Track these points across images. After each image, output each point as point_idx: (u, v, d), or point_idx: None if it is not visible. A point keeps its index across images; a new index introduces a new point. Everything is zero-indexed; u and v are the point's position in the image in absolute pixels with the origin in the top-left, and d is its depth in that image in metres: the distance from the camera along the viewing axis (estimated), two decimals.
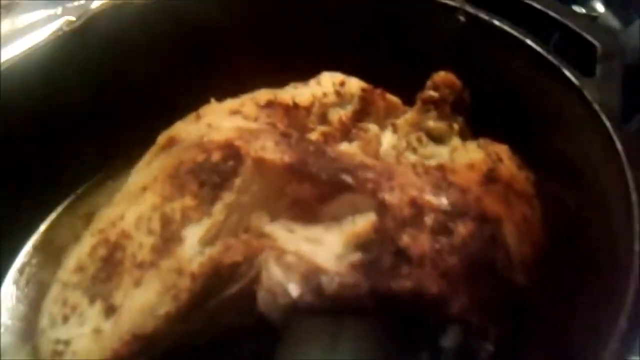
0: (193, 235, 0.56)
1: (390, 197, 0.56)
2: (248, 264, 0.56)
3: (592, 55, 0.69)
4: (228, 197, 0.58)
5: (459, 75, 0.71)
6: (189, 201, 0.58)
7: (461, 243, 0.54)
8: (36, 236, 0.77)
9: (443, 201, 0.56)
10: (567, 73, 0.67)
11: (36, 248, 0.75)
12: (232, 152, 0.60)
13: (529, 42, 0.70)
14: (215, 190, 0.58)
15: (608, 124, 0.62)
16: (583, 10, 0.93)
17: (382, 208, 0.56)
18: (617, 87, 0.66)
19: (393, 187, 0.57)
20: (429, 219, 0.55)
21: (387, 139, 0.69)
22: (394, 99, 0.73)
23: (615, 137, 0.61)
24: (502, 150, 0.65)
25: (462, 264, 0.53)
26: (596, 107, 0.64)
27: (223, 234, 0.57)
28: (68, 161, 0.77)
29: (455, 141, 0.67)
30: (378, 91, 0.72)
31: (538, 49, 0.70)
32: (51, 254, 0.73)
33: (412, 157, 0.66)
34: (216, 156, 0.60)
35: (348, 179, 0.58)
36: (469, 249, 0.54)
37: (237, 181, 0.58)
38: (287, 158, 0.59)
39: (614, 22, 0.96)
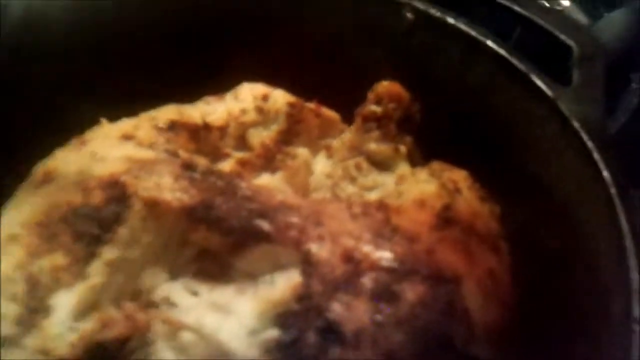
0: (63, 304, 0.44)
1: (318, 250, 0.44)
2: (136, 342, 0.43)
3: (566, 57, 0.58)
4: (109, 252, 0.45)
5: (406, 85, 0.57)
6: (60, 259, 0.45)
7: (409, 313, 0.41)
8: None
9: (385, 255, 0.43)
10: (537, 81, 0.55)
11: None
12: (116, 192, 0.47)
13: (489, 43, 0.58)
14: (93, 244, 0.45)
15: (590, 144, 0.51)
16: (545, 4, 0.80)
17: (307, 264, 0.43)
18: (599, 97, 0.54)
19: (322, 235, 0.45)
20: (367, 280, 0.42)
21: (321, 166, 0.56)
22: (331, 114, 0.60)
23: (600, 162, 0.49)
24: (460, 177, 0.53)
25: (411, 342, 0.40)
26: (575, 124, 0.52)
27: (102, 303, 0.44)
28: None
29: (403, 168, 0.54)
30: (310, 106, 0.59)
31: (501, 51, 0.58)
32: None
33: (349, 189, 0.53)
34: (96, 197, 0.47)
35: (264, 225, 0.46)
36: (419, 320, 0.41)
37: (122, 231, 0.46)
38: (187, 199, 0.47)
39: (579, 17, 0.85)
